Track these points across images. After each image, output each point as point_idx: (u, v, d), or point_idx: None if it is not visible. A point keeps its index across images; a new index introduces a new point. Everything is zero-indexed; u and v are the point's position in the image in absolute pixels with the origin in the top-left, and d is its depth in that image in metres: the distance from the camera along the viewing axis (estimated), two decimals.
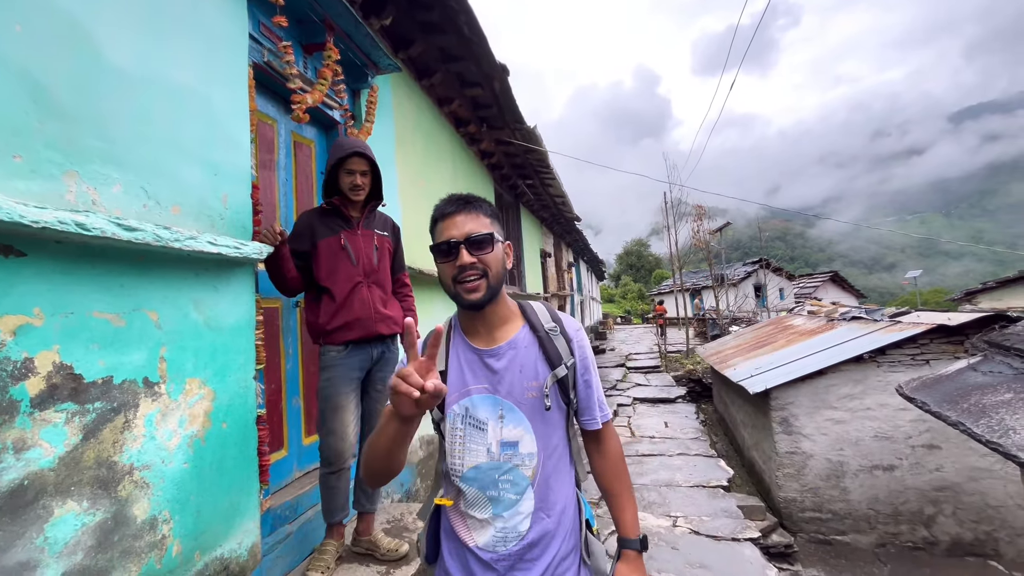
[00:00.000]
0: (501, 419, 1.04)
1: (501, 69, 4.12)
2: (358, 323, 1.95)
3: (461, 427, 1.05)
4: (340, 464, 1.94)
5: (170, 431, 1.47)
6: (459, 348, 1.10)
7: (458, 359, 1.09)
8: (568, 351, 1.08)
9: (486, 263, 1.01)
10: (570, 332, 1.12)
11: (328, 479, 1.96)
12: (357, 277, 2.00)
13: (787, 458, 4.61)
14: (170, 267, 1.50)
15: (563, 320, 1.13)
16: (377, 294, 2.04)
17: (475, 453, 1.04)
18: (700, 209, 14.23)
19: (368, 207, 2.14)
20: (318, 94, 2.23)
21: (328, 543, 2.02)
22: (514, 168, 6.58)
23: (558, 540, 1.04)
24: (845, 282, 25.87)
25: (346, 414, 1.92)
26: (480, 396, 1.05)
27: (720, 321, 13.31)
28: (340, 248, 2.00)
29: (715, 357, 7.76)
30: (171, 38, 1.58)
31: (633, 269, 65.23)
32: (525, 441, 1.03)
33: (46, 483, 1.15)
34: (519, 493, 1.03)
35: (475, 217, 1.03)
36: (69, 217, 1.12)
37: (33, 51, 1.18)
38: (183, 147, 1.59)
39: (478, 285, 1.01)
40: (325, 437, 1.94)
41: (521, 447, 1.03)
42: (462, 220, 1.02)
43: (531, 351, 1.07)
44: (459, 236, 1.00)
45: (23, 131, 1.15)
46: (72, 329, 1.22)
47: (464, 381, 1.07)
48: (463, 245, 1.00)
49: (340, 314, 1.94)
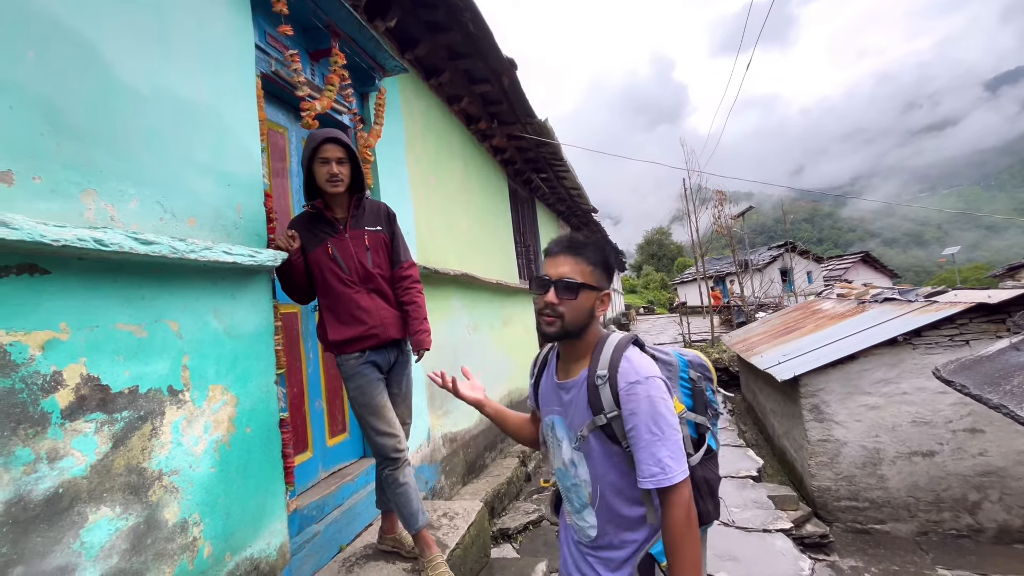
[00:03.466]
0: (569, 441, 1.18)
1: (509, 64, 4.09)
2: (367, 334, 1.89)
3: (549, 436, 1.25)
4: (400, 456, 1.89)
5: (196, 437, 1.51)
6: (550, 372, 1.25)
7: (547, 381, 1.25)
8: (612, 401, 1.07)
9: (567, 307, 1.09)
10: (620, 383, 1.06)
11: (395, 478, 1.88)
12: (352, 287, 1.90)
13: (819, 446, 4.49)
14: (188, 278, 1.54)
15: (620, 367, 1.08)
16: (378, 299, 1.95)
17: (556, 459, 1.23)
18: (720, 194, 13.90)
19: (353, 202, 1.98)
20: (327, 100, 2.25)
21: (432, 557, 1.91)
22: (527, 163, 6.55)
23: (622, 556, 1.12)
24: (877, 262, 24.97)
25: (386, 411, 1.91)
26: (557, 418, 1.20)
27: (745, 308, 13.02)
28: (329, 259, 1.89)
29: (741, 345, 7.60)
30: (179, 55, 1.62)
31: (655, 258, 64.30)
32: (581, 468, 1.16)
33: (80, 490, 1.19)
34: (583, 506, 1.17)
35: (574, 262, 1.11)
36: (88, 234, 1.16)
37: (47, 75, 1.22)
38: (196, 160, 1.63)
39: (553, 322, 1.11)
40: (375, 439, 1.89)
41: (579, 471, 1.16)
42: (562, 261, 1.12)
43: (583, 394, 1.13)
44: (553, 275, 1.10)
45: (41, 153, 1.19)
46: (97, 342, 1.26)
47: (548, 401, 1.24)
48: (552, 286, 1.09)
49: (345, 330, 1.88)
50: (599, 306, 1.14)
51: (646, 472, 1.01)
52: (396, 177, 3.22)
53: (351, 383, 1.91)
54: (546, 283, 1.10)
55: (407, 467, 1.92)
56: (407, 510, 1.90)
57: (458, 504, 2.59)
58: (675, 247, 62.79)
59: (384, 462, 1.90)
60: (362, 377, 1.89)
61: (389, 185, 3.08)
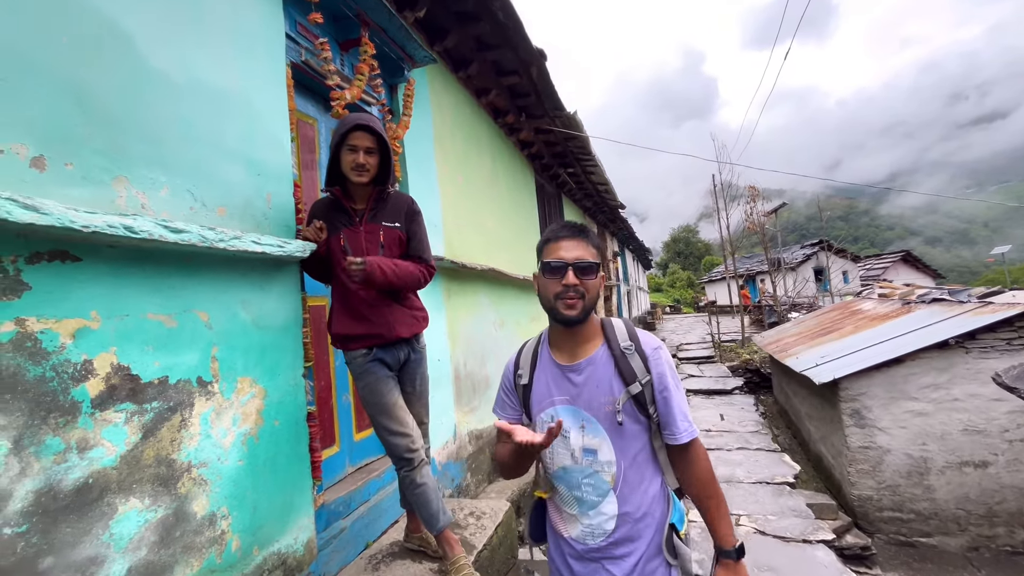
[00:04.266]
0: (582, 429, 1.15)
1: (538, 55, 4.01)
2: (371, 333, 1.82)
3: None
4: (416, 456, 1.81)
5: (224, 429, 1.50)
6: (545, 362, 1.23)
7: (544, 373, 1.22)
8: (644, 368, 1.13)
9: (587, 287, 1.12)
10: (647, 350, 1.15)
11: (412, 479, 1.81)
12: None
13: (860, 453, 4.27)
14: (217, 268, 1.52)
15: (640, 338, 1.17)
16: (388, 296, 1.86)
17: (562, 456, 1.17)
18: (753, 190, 13.46)
19: (374, 194, 1.88)
20: (356, 90, 2.21)
21: (456, 559, 1.83)
22: (555, 157, 6.44)
23: (643, 541, 1.13)
24: (918, 261, 23.84)
25: (396, 410, 1.83)
26: (563, 407, 1.17)
27: (778, 308, 12.60)
28: (340, 250, 1.81)
29: (774, 346, 7.34)
30: (211, 42, 1.60)
31: (681, 256, 63.16)
32: (603, 450, 1.13)
33: (109, 481, 1.18)
34: (601, 495, 1.14)
35: (584, 245, 1.15)
36: (118, 221, 1.14)
37: (79, 61, 1.21)
38: (227, 149, 1.61)
39: (576, 303, 1.11)
40: (386, 439, 1.82)
41: (600, 455, 1.14)
42: (573, 245, 1.14)
43: (607, 368, 1.14)
44: (570, 259, 1.12)
45: (72, 139, 1.18)
46: (128, 331, 1.25)
47: (550, 392, 1.19)
48: (571, 268, 1.11)
49: (353, 324, 1.81)
50: (601, 287, 1.19)
51: (681, 428, 1.11)
52: (424, 171, 3.18)
53: (360, 382, 1.85)
54: (563, 266, 1.12)
55: (424, 467, 1.85)
56: (426, 511, 1.84)
57: (485, 503, 2.54)
58: (703, 245, 61.56)
59: (399, 463, 1.84)
60: (370, 375, 1.82)
61: (417, 179, 3.04)
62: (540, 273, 1.17)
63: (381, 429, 1.84)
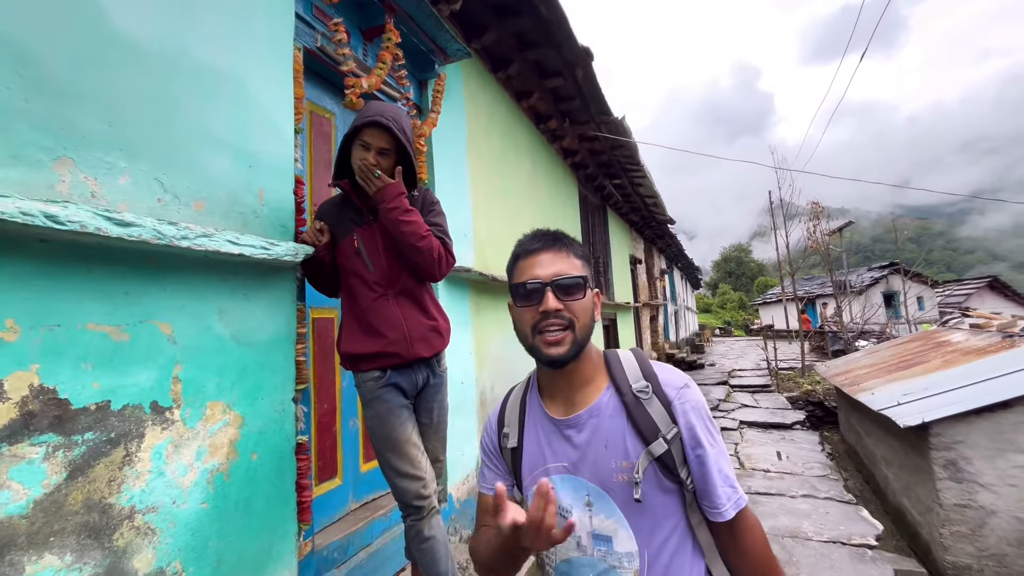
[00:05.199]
0: (589, 507, 0.84)
1: (584, 53, 3.71)
2: (387, 351, 1.57)
3: None
4: (426, 504, 1.54)
5: (184, 465, 1.24)
6: (535, 415, 0.93)
7: (535, 429, 0.92)
8: (667, 417, 0.83)
9: (573, 312, 0.84)
10: (669, 391, 0.85)
11: (419, 530, 1.55)
12: (376, 289, 1.57)
13: (956, 512, 3.59)
14: (188, 272, 1.29)
15: (659, 375, 0.87)
16: (407, 306, 1.60)
17: (565, 545, 0.86)
18: (816, 207, 12.48)
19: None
20: (375, 78, 1.99)
21: None
22: (600, 167, 6.10)
23: None
24: (1008, 288, 21.44)
25: (408, 447, 1.56)
26: (560, 477, 0.87)
27: (843, 334, 11.51)
28: (354, 252, 1.60)
29: (842, 377, 6.58)
30: (196, 10, 1.39)
31: (732, 276, 60.51)
32: (620, 537, 0.82)
33: (16, 533, 0.94)
34: None
35: (564, 257, 0.88)
36: (37, 208, 0.91)
37: (20, 15, 1.01)
38: (210, 134, 1.39)
39: (561, 338, 0.84)
40: (396, 482, 1.55)
41: (616, 544, 0.83)
42: (549, 259, 0.87)
43: (617, 421, 0.84)
44: (545, 277, 0.85)
45: (3, 110, 0.97)
46: (57, 345, 1.02)
47: (543, 457, 0.89)
48: (549, 288, 0.84)
49: (365, 341, 1.56)
50: (596, 309, 0.89)
51: (723, 497, 0.81)
52: (455, 174, 2.93)
53: (369, 409, 1.57)
54: (540, 288, 0.84)
55: (434, 517, 1.55)
56: (432, 570, 1.52)
57: None
58: (755, 265, 58.87)
59: (406, 510, 1.54)
60: (382, 403, 1.54)
61: (446, 181, 2.79)
62: (512, 301, 0.90)
63: (388, 468, 1.56)
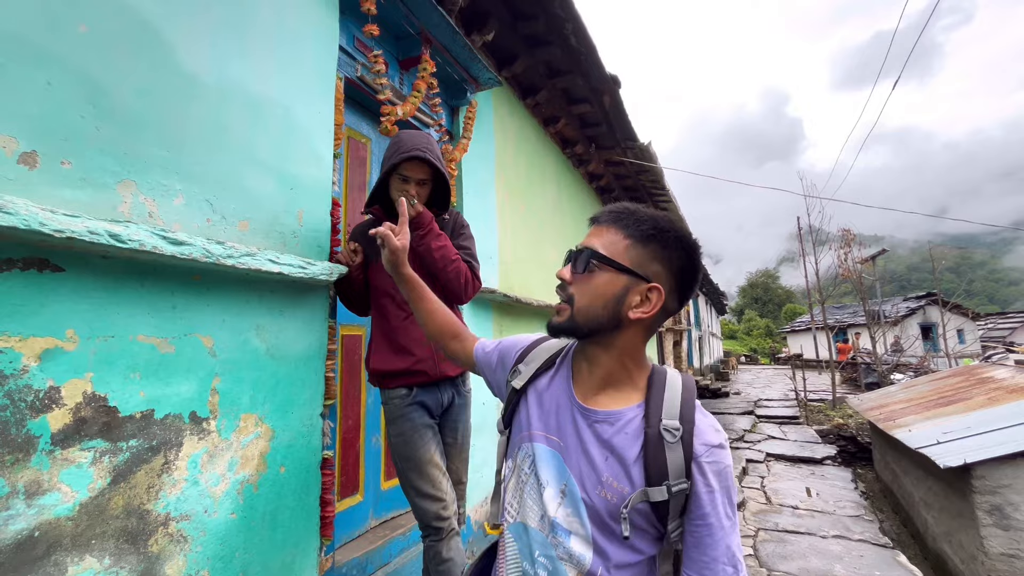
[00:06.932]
0: (562, 495, 0.79)
1: (612, 81, 3.79)
2: (414, 368, 1.61)
3: (528, 472, 0.84)
4: (446, 525, 1.56)
5: (217, 475, 1.28)
6: (558, 380, 0.87)
7: (550, 390, 0.86)
8: (683, 469, 0.73)
9: (577, 288, 0.80)
10: (699, 448, 0.74)
11: (437, 551, 1.55)
12: (406, 309, 1.61)
13: (1003, 562, 3.36)
14: (230, 288, 1.35)
15: (698, 424, 0.75)
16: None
17: (528, 509, 0.82)
18: (848, 233, 12.18)
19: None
20: (410, 106, 2.07)
21: None
22: (625, 191, 6.13)
23: None
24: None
25: (432, 469, 1.58)
26: (549, 451, 0.82)
27: (878, 367, 11.06)
28: (385, 273, 1.60)
29: (877, 412, 6.30)
30: (251, 45, 1.49)
31: (759, 303, 59.05)
32: (577, 540, 0.76)
33: (62, 535, 0.98)
34: None
35: (606, 231, 0.80)
36: (103, 227, 0.98)
37: (99, 53, 1.10)
38: (257, 159, 1.48)
39: (561, 308, 0.81)
40: (417, 502, 1.57)
41: (572, 543, 0.77)
42: (596, 231, 0.82)
43: (631, 444, 0.75)
44: (580, 246, 0.82)
45: (77, 136, 1.06)
46: (110, 355, 1.08)
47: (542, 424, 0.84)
48: (573, 257, 0.81)
49: (393, 358, 1.61)
50: (636, 303, 0.77)
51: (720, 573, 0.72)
52: (483, 198, 2.99)
53: (393, 427, 1.60)
54: (568, 255, 0.83)
55: (453, 539, 1.55)
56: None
57: None
58: (783, 292, 57.39)
59: (425, 530, 1.55)
60: (407, 422, 1.57)
61: (474, 205, 2.85)
62: None
63: (409, 488, 1.57)
